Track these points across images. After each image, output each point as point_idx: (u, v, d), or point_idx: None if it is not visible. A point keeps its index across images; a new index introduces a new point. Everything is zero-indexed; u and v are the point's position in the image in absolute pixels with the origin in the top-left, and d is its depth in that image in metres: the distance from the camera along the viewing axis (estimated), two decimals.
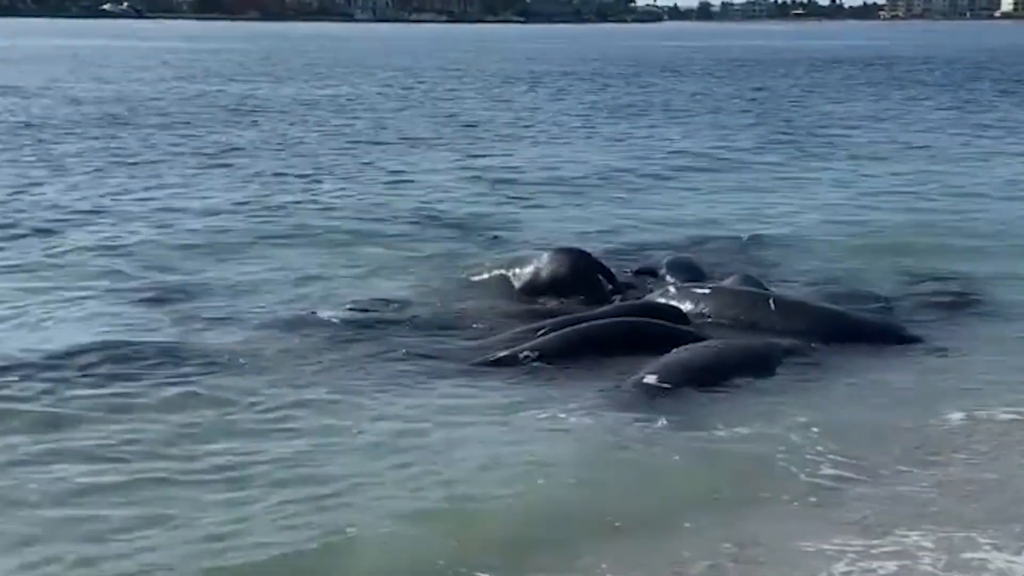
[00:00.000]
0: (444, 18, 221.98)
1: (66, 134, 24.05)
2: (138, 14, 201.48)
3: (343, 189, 17.21)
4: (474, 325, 9.61)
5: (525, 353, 8.65)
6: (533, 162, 20.43)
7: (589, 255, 10.84)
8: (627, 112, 31.67)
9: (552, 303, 10.23)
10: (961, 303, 10.49)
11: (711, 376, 8.25)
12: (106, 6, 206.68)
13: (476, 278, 11.07)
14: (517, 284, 10.61)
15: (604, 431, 7.27)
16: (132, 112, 29.65)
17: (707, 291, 10.07)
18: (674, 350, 8.61)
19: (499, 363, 8.56)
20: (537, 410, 7.65)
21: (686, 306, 9.80)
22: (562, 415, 7.53)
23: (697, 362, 8.43)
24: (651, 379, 8.06)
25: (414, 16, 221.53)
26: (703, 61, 66.98)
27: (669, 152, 22.18)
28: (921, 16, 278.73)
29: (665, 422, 7.39)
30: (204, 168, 19.23)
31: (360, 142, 23.56)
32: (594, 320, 9.29)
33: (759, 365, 8.56)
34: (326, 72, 51.04)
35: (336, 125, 27.17)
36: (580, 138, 24.77)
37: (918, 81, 46.41)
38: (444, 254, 12.53)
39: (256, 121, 27.79)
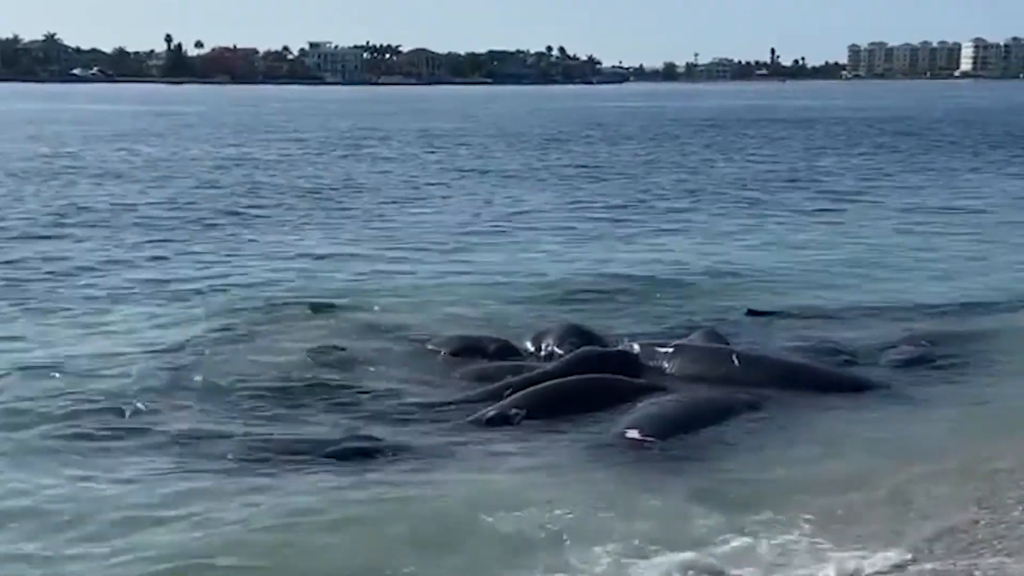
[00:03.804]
0: (412, 80, 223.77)
1: None
2: (107, 78, 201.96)
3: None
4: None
5: (514, 411, 9.16)
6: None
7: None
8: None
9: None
10: (928, 358, 10.94)
11: (685, 429, 8.77)
12: (75, 71, 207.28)
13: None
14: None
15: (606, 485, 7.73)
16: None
17: (672, 348, 10.62)
18: (645, 403, 9.20)
19: (490, 422, 9.04)
20: (538, 469, 8.11)
21: (651, 362, 10.36)
22: (563, 470, 8.03)
23: (672, 416, 8.96)
24: (634, 433, 8.53)
25: (383, 79, 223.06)
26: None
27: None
28: (882, 76, 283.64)
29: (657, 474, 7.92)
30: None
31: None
32: (554, 373, 9.92)
33: (725, 417, 9.11)
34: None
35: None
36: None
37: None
38: None
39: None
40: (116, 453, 8.32)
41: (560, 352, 10.84)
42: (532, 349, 11.29)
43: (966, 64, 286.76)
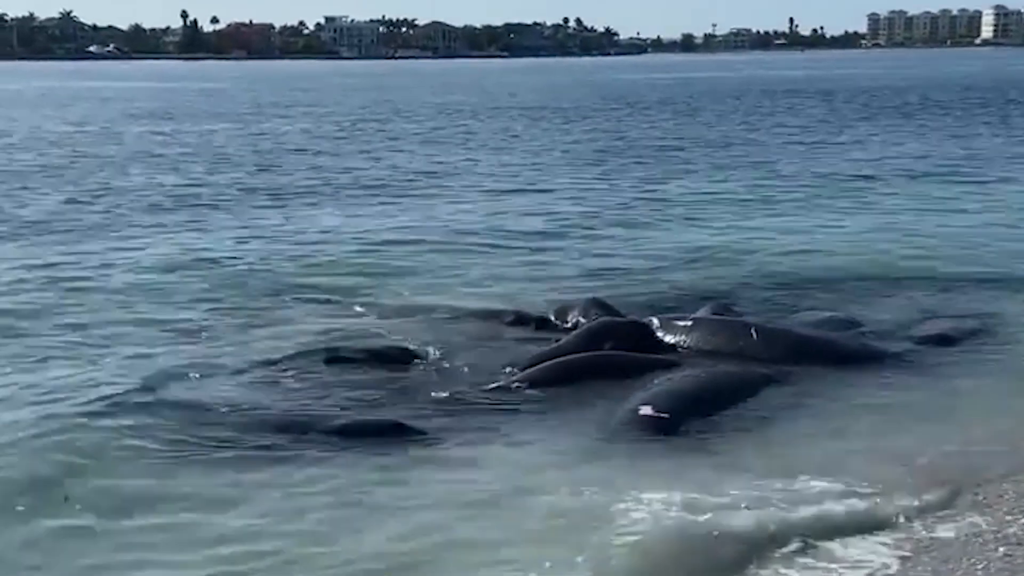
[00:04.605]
0: (429, 54, 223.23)
1: None
2: (124, 55, 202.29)
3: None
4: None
5: (515, 384, 9.02)
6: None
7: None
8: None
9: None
10: (953, 332, 10.64)
11: (701, 405, 8.54)
12: (91, 48, 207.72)
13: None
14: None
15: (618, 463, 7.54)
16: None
17: (690, 322, 10.41)
18: (660, 379, 8.99)
19: (495, 392, 8.91)
20: (548, 447, 7.91)
21: (669, 337, 10.15)
22: (575, 448, 7.83)
23: (688, 392, 8.74)
24: (647, 410, 8.34)
25: (399, 53, 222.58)
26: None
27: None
28: (902, 44, 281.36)
29: (671, 451, 7.76)
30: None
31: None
32: (568, 345, 9.78)
33: (743, 392, 8.89)
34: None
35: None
36: None
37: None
38: None
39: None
40: (128, 432, 8.16)
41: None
42: (556, 322, 11.10)
43: (987, 32, 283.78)
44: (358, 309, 12.00)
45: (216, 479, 7.33)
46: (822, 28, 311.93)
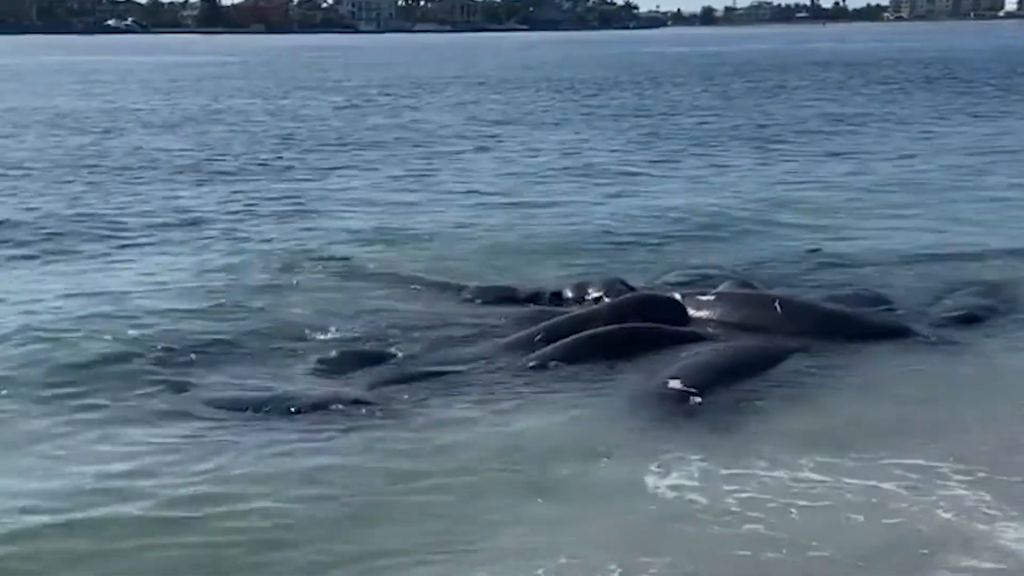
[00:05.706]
0: (447, 28, 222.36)
1: None
2: (142, 29, 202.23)
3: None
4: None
5: (553, 363, 9.02)
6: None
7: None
8: None
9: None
10: (982, 307, 10.58)
11: (729, 379, 8.57)
12: (110, 22, 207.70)
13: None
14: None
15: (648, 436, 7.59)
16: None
17: (713, 296, 10.42)
18: (689, 353, 9.02)
19: (532, 369, 8.90)
20: (577, 420, 7.96)
21: (692, 311, 10.15)
22: (604, 421, 7.89)
23: (716, 366, 8.78)
24: (676, 384, 8.38)
25: (418, 26, 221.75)
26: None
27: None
28: (924, 17, 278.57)
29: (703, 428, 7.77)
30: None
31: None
32: (598, 317, 9.79)
33: (771, 365, 8.90)
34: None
35: None
36: None
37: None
38: None
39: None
40: (131, 405, 8.26)
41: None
42: (573, 299, 11.03)
43: (1011, 4, 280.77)
44: (375, 287, 11.89)
45: (227, 460, 7.29)
46: (844, 0, 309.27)
